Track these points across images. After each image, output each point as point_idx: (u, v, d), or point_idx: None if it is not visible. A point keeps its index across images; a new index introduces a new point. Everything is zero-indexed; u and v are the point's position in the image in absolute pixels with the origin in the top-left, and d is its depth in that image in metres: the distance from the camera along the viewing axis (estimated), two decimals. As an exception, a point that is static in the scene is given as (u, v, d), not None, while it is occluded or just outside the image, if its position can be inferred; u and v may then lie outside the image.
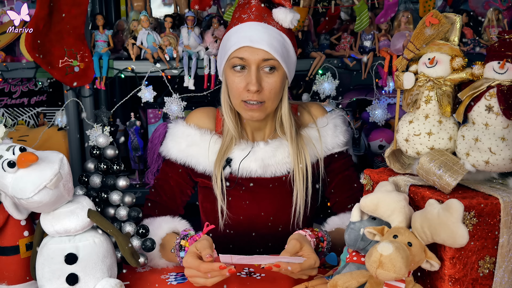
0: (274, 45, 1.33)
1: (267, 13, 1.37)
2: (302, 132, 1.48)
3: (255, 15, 1.36)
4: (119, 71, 1.91)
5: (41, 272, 1.13)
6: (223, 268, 1.11)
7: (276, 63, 1.35)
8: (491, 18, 1.97)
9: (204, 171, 1.47)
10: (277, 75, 1.36)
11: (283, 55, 1.36)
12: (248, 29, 1.35)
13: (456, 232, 0.90)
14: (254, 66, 1.33)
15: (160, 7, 2.64)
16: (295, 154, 1.43)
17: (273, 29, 1.35)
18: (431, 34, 1.05)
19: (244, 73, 1.36)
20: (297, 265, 1.15)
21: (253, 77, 1.33)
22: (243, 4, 1.39)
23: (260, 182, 1.46)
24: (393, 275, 0.90)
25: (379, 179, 1.14)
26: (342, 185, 1.53)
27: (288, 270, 1.15)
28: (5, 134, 1.19)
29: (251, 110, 1.37)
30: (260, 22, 1.35)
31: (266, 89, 1.35)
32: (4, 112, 2.32)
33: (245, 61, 1.34)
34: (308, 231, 1.30)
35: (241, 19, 1.37)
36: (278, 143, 1.46)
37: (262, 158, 1.43)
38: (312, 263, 1.17)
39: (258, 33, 1.33)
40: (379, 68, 1.93)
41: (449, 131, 1.06)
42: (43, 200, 1.06)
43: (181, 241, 1.29)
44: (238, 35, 1.35)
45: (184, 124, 1.51)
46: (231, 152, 1.45)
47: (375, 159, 2.22)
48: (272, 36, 1.34)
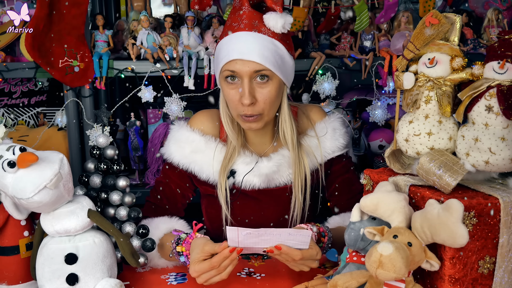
0: (265, 55, 1.30)
1: (258, 20, 1.32)
2: (302, 141, 1.47)
3: (245, 24, 1.32)
4: (119, 71, 1.91)
5: (41, 272, 1.13)
6: (232, 251, 1.15)
7: (269, 73, 1.32)
8: (491, 18, 1.97)
9: (208, 179, 1.47)
10: (271, 84, 1.33)
11: (276, 63, 1.32)
12: (237, 41, 1.32)
13: (456, 232, 0.90)
14: (246, 78, 1.31)
15: (160, 7, 2.64)
16: (295, 163, 1.44)
17: (264, 37, 1.32)
18: (431, 34, 1.05)
19: (237, 83, 1.34)
20: (298, 252, 1.15)
21: (245, 90, 1.31)
22: (236, 9, 1.36)
23: (264, 192, 1.47)
24: (393, 275, 0.90)
25: (379, 179, 1.14)
26: (342, 187, 1.53)
27: (288, 258, 1.16)
28: (5, 134, 1.19)
29: (249, 122, 1.37)
30: (250, 31, 1.31)
31: (261, 100, 1.33)
32: (4, 112, 2.32)
33: (237, 74, 1.32)
34: (310, 225, 1.30)
35: (232, 28, 1.34)
36: (280, 157, 1.45)
37: (266, 174, 1.43)
38: (314, 253, 1.18)
39: (248, 45, 1.30)
40: (379, 68, 1.93)
41: (449, 131, 1.06)
42: (43, 200, 1.06)
43: (177, 247, 1.29)
44: (228, 47, 1.32)
45: (188, 128, 1.49)
46: (235, 162, 1.44)
47: (375, 159, 2.22)
48: (263, 46, 1.31)
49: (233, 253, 1.16)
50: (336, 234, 1.36)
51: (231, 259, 1.16)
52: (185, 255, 1.27)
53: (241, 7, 1.33)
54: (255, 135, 1.49)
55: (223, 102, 1.44)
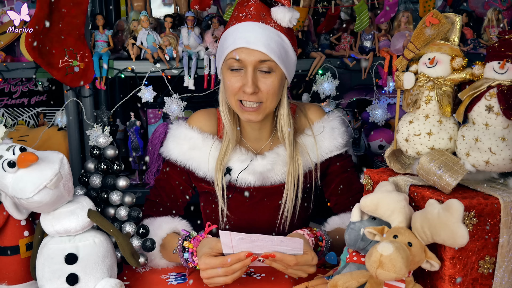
0: (271, 46, 1.32)
1: (265, 12, 1.34)
2: (298, 140, 1.48)
3: (253, 15, 1.33)
4: (119, 71, 1.91)
5: (41, 272, 1.13)
6: (249, 256, 1.15)
7: (273, 64, 1.33)
8: (491, 18, 1.97)
9: (205, 176, 1.47)
10: (275, 76, 1.35)
11: (281, 56, 1.34)
12: (244, 30, 1.33)
13: (456, 232, 0.90)
14: (251, 67, 1.32)
15: (160, 7, 2.64)
16: (290, 158, 1.44)
17: (270, 29, 1.33)
18: (431, 34, 1.05)
19: (241, 73, 1.35)
20: (293, 258, 1.15)
21: (249, 79, 1.32)
22: (243, 1, 1.38)
23: (259, 189, 1.47)
24: (393, 275, 0.90)
25: (379, 179, 1.14)
26: (341, 187, 1.52)
27: (283, 265, 1.16)
28: (5, 134, 1.19)
29: (248, 112, 1.37)
30: (257, 22, 1.33)
31: (264, 90, 1.34)
32: (4, 112, 2.32)
33: (242, 63, 1.33)
34: (306, 230, 1.30)
35: (238, 18, 1.35)
36: (275, 156, 1.45)
37: (261, 172, 1.44)
38: (309, 259, 1.17)
39: (255, 34, 1.32)
40: (379, 68, 1.93)
41: (449, 131, 1.06)
42: (43, 200, 1.06)
43: (184, 242, 1.29)
44: (235, 35, 1.34)
45: (186, 126, 1.50)
46: (230, 160, 1.45)
47: (375, 159, 2.22)
48: (269, 37, 1.32)
49: (248, 259, 1.15)
50: (335, 237, 1.36)
51: (244, 263, 1.16)
52: (190, 252, 1.27)
53: (249, 0, 1.35)
54: (252, 129, 1.49)
55: (222, 93, 1.44)
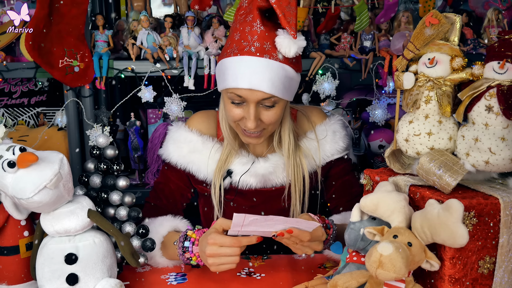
0: (275, 84, 1.26)
1: (269, 41, 1.25)
2: (301, 143, 1.47)
3: (256, 48, 1.25)
4: (119, 71, 1.91)
5: (41, 272, 1.13)
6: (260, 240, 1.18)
7: (277, 99, 1.30)
8: (491, 18, 1.97)
9: (205, 179, 1.47)
10: (277, 107, 1.32)
11: (284, 88, 1.29)
12: (247, 67, 1.25)
13: (456, 232, 0.90)
14: (253, 104, 1.29)
15: (160, 7, 2.64)
16: (292, 169, 1.43)
17: (275, 64, 1.26)
18: (431, 34, 1.05)
19: (242, 106, 1.31)
20: (307, 233, 1.17)
21: (251, 115, 1.29)
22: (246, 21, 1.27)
23: (261, 192, 1.47)
24: (393, 275, 0.90)
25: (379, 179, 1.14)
26: (342, 190, 1.53)
27: (296, 241, 1.17)
28: (5, 134, 1.19)
29: (250, 138, 1.37)
30: (261, 57, 1.25)
31: (266, 121, 1.33)
32: (4, 112, 2.32)
33: (243, 98, 1.29)
34: (316, 216, 1.31)
35: (241, 50, 1.26)
36: (278, 159, 1.45)
37: (263, 174, 1.44)
38: (320, 234, 1.20)
39: (258, 75, 1.25)
40: (379, 68, 1.93)
41: (449, 131, 1.06)
42: (43, 200, 1.06)
43: (188, 231, 1.29)
44: (237, 71, 1.26)
45: (186, 128, 1.50)
46: (232, 163, 1.44)
47: (375, 159, 2.22)
48: (273, 73, 1.26)
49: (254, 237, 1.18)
50: (340, 229, 1.36)
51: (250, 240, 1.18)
52: (192, 241, 1.27)
53: (252, 23, 1.25)
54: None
55: (222, 111, 1.43)
